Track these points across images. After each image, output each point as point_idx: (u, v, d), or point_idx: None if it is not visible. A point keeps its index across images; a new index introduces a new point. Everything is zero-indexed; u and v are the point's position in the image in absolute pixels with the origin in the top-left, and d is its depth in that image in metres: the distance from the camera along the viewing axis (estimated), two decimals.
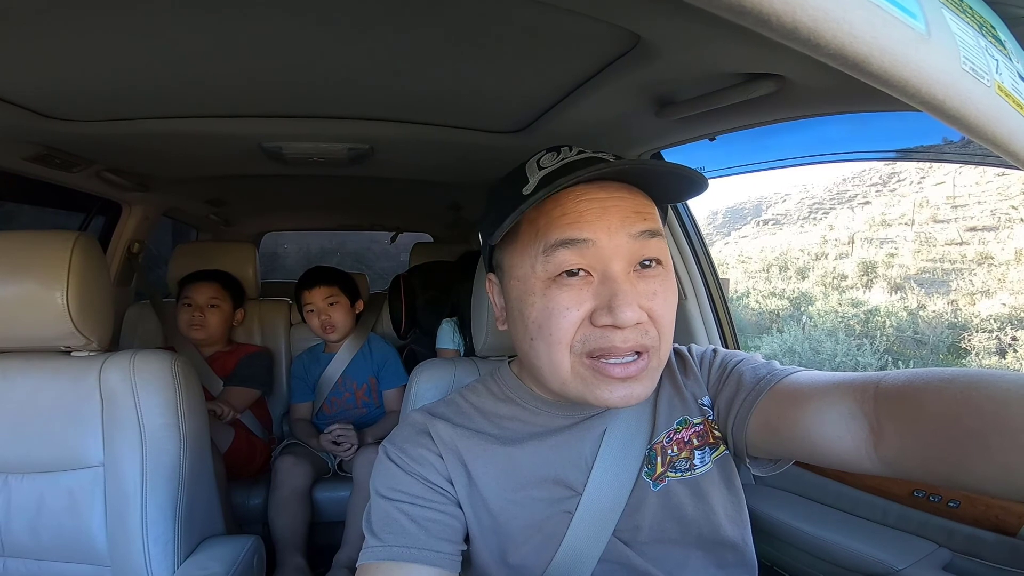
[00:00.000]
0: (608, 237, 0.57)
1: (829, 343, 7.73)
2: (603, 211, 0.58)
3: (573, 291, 0.58)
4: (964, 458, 0.46)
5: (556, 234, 0.58)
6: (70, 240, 0.90)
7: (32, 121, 1.00)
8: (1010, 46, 0.37)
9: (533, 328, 0.60)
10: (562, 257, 0.58)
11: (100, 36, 0.70)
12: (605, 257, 0.57)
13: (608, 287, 0.57)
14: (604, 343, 0.57)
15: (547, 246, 0.58)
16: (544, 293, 0.59)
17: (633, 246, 0.58)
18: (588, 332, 0.58)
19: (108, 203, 1.82)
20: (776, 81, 0.70)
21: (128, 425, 0.93)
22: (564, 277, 0.58)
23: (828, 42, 0.21)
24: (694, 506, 0.65)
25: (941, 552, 0.89)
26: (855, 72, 0.24)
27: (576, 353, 0.59)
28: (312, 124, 1.08)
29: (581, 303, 0.58)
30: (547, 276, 0.59)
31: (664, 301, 0.59)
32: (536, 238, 0.59)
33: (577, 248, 0.57)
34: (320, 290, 1.82)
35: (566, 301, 0.58)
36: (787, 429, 0.59)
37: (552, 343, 0.59)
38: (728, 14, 0.20)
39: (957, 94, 0.28)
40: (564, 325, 0.58)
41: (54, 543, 0.93)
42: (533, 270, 0.60)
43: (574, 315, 0.58)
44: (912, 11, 0.24)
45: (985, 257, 9.50)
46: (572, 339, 0.58)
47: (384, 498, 0.64)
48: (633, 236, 0.58)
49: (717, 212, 18.17)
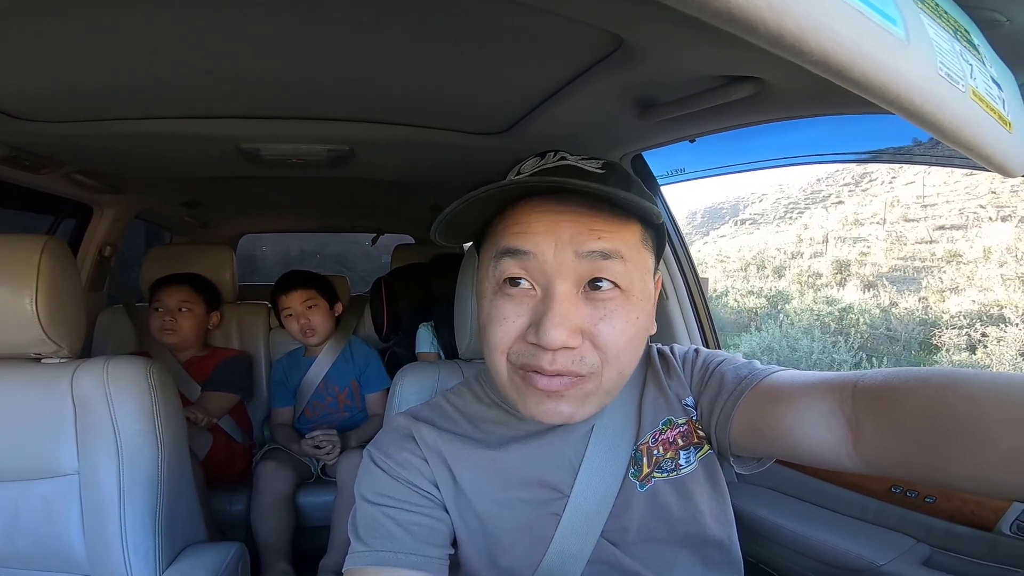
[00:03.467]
0: (553, 253, 0.55)
1: (805, 341, 7.88)
2: (553, 225, 0.56)
3: (513, 302, 0.58)
4: (940, 457, 0.47)
5: (504, 242, 0.58)
6: (39, 244, 0.88)
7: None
8: (983, 50, 0.38)
9: (481, 328, 0.61)
10: (505, 266, 0.57)
11: (70, 34, 0.68)
12: (548, 273, 0.56)
13: (544, 305, 0.55)
14: (533, 361, 0.56)
15: (496, 252, 0.59)
16: (492, 299, 0.59)
17: (580, 265, 0.55)
18: (521, 347, 0.57)
19: (78, 205, 1.77)
20: (755, 84, 0.71)
21: (103, 433, 0.91)
22: (507, 286, 0.58)
23: (812, 48, 0.21)
24: (680, 506, 0.65)
25: (920, 547, 0.91)
26: (836, 78, 0.24)
27: (512, 362, 0.59)
28: (291, 125, 1.07)
29: (518, 316, 0.57)
30: (495, 282, 0.59)
31: (612, 327, 0.56)
32: (493, 243, 0.60)
33: (519, 259, 0.57)
34: (297, 294, 1.80)
35: (504, 311, 0.58)
36: (769, 428, 0.60)
37: (491, 348, 0.59)
38: (717, 21, 0.20)
39: (933, 99, 0.28)
40: (499, 334, 0.58)
41: (32, 552, 0.91)
42: (488, 272, 0.60)
43: (510, 326, 0.57)
44: (892, 17, 0.25)
45: (954, 255, 9.78)
46: (508, 349, 0.58)
47: (370, 503, 0.63)
48: (581, 255, 0.55)
49: (696, 212, 18.39)
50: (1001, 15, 0.45)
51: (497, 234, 0.60)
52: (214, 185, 1.77)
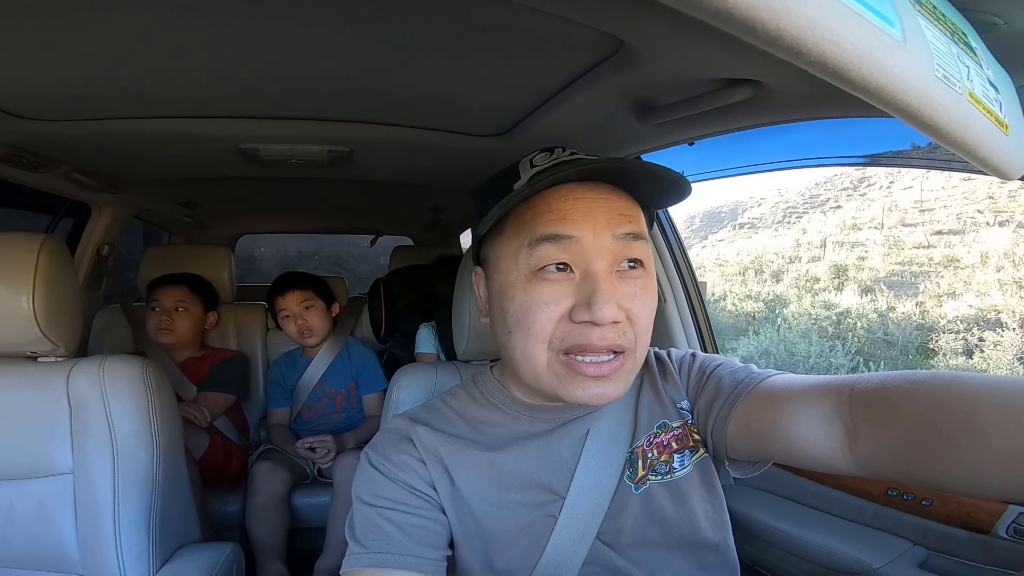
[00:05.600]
0: (592, 235, 0.58)
1: (803, 344, 7.88)
2: (589, 211, 0.59)
3: (554, 286, 0.59)
4: (936, 458, 0.47)
5: (541, 229, 0.59)
6: (37, 242, 0.88)
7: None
8: (980, 52, 0.39)
9: (512, 321, 0.61)
10: (545, 252, 0.58)
11: (69, 33, 0.68)
12: (588, 255, 0.58)
13: (589, 284, 0.57)
14: (581, 340, 0.57)
15: (532, 240, 0.59)
16: (525, 287, 0.60)
17: (616, 246, 0.59)
18: (567, 328, 0.58)
19: (77, 204, 1.77)
20: (754, 87, 0.71)
21: (98, 432, 0.91)
22: (546, 272, 0.59)
23: (810, 49, 0.21)
24: (674, 509, 0.66)
25: (916, 550, 0.91)
26: (834, 79, 0.24)
27: (553, 349, 0.59)
28: (290, 125, 1.07)
29: (561, 299, 0.58)
30: (530, 270, 0.60)
31: (643, 304, 0.60)
32: (522, 232, 0.60)
33: (561, 244, 0.58)
34: (294, 295, 1.80)
35: (546, 296, 0.58)
36: (765, 432, 0.60)
37: (530, 337, 0.59)
38: (715, 21, 0.20)
39: (930, 101, 0.28)
40: (542, 320, 0.59)
41: (25, 551, 0.91)
42: (516, 263, 0.61)
43: (553, 310, 0.58)
44: (889, 18, 0.25)
45: (951, 260, 9.80)
46: (551, 335, 0.59)
47: (367, 504, 0.63)
48: (617, 237, 0.59)
49: (695, 216, 18.41)
50: (998, 18, 0.45)
51: (526, 223, 0.60)
52: (212, 185, 1.77)
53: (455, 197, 1.90)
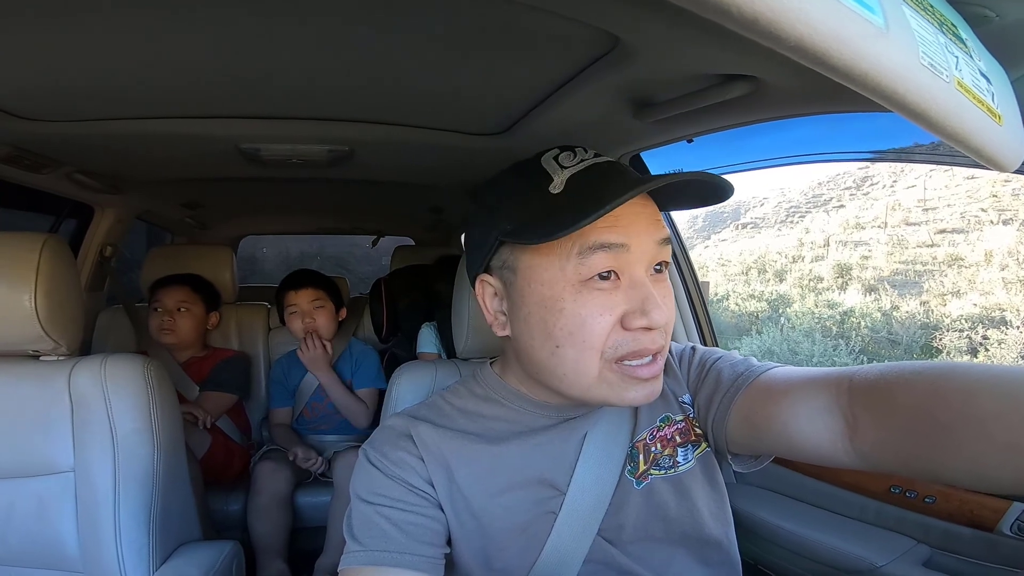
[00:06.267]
0: (639, 243, 0.58)
1: (806, 344, 7.87)
2: (635, 217, 0.59)
3: (606, 295, 0.58)
4: (936, 450, 0.47)
5: (595, 237, 0.57)
6: (39, 242, 0.88)
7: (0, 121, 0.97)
8: (971, 44, 0.39)
9: (561, 335, 0.59)
10: (598, 260, 0.57)
11: (71, 34, 0.68)
12: (633, 261, 0.58)
13: (638, 291, 0.58)
14: (637, 346, 0.58)
15: (583, 248, 0.57)
16: (575, 298, 0.58)
17: (654, 251, 0.60)
18: (620, 336, 0.58)
19: (79, 205, 1.77)
20: (750, 82, 0.71)
21: (99, 430, 0.91)
22: (596, 281, 0.58)
23: (788, 34, 0.22)
24: (677, 504, 0.65)
25: (920, 548, 0.91)
26: (817, 65, 0.25)
27: (606, 359, 0.58)
28: (291, 125, 1.07)
29: (613, 308, 0.58)
30: (579, 279, 0.58)
31: (670, 304, 0.61)
32: (568, 240, 0.58)
33: (614, 252, 0.57)
34: (307, 292, 1.80)
35: (599, 307, 0.58)
36: (766, 424, 0.60)
37: (584, 349, 0.58)
38: (691, 6, 0.20)
39: (917, 89, 0.28)
40: (598, 330, 0.58)
41: (25, 549, 0.91)
42: (563, 272, 0.58)
43: (607, 320, 0.58)
44: (870, 6, 0.25)
45: (955, 259, 9.76)
46: (604, 344, 0.58)
47: (364, 502, 0.63)
48: (657, 242, 0.60)
49: (697, 216, 18.37)
50: (990, 11, 0.45)
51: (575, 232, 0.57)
52: (214, 186, 1.78)
53: (455, 197, 1.90)
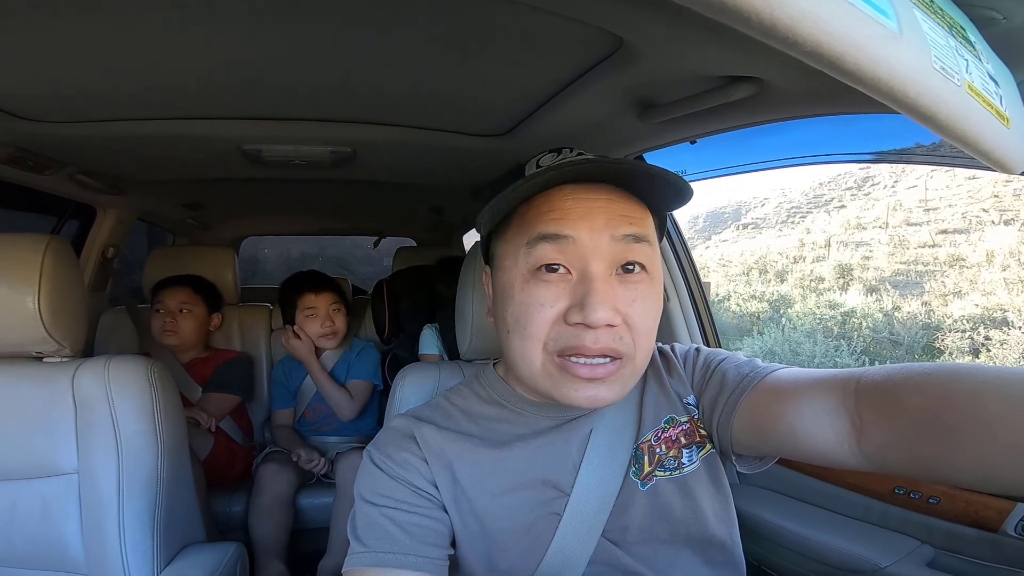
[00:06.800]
0: (590, 236, 0.58)
1: (808, 344, 7.86)
2: (588, 211, 0.58)
3: (550, 287, 0.58)
4: (943, 452, 0.47)
5: (540, 228, 0.59)
6: (42, 243, 0.88)
7: (3, 121, 0.97)
8: (979, 47, 0.39)
9: (511, 321, 0.61)
10: (542, 251, 0.58)
11: (74, 35, 0.68)
12: (585, 256, 0.58)
13: (584, 286, 0.57)
14: (575, 341, 0.57)
15: (530, 239, 0.59)
16: (523, 287, 0.60)
17: (616, 248, 0.58)
18: (561, 330, 0.58)
19: (82, 206, 1.78)
20: (755, 84, 0.71)
21: (103, 432, 0.91)
22: (543, 272, 0.59)
23: (805, 39, 0.22)
24: (682, 505, 0.65)
25: (924, 549, 0.90)
26: (831, 70, 0.24)
27: (548, 351, 0.59)
28: (293, 127, 1.07)
29: (557, 300, 0.58)
30: (528, 269, 0.60)
31: (643, 309, 0.59)
32: (523, 231, 0.60)
33: (558, 244, 0.58)
34: (328, 295, 1.81)
35: (542, 297, 0.58)
36: (771, 426, 0.60)
37: (527, 338, 0.59)
38: (710, 12, 0.20)
39: (928, 92, 0.28)
40: (538, 321, 0.58)
41: (29, 551, 0.91)
42: (516, 262, 0.61)
43: (549, 312, 0.58)
44: (884, 10, 0.25)
45: (956, 259, 9.75)
46: (546, 336, 0.59)
47: (369, 503, 0.63)
48: (616, 238, 0.58)
49: (698, 216, 18.38)
50: (997, 13, 0.45)
51: (528, 222, 0.60)
52: (216, 187, 1.78)
53: (457, 197, 1.90)
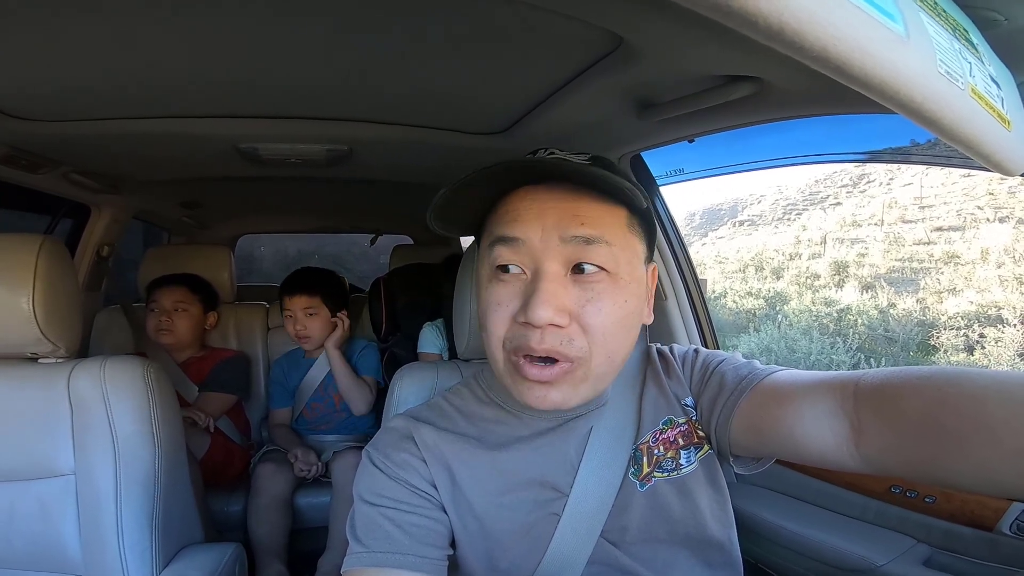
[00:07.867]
0: (539, 237, 0.58)
1: (804, 341, 7.87)
2: (541, 211, 0.58)
3: (506, 288, 0.59)
4: (942, 455, 0.47)
5: (497, 230, 0.60)
6: (36, 243, 0.88)
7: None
8: (982, 49, 0.38)
9: (480, 320, 0.63)
10: (498, 252, 0.60)
11: (68, 34, 0.68)
12: (537, 256, 0.58)
13: (532, 285, 0.57)
14: (523, 341, 0.57)
15: (491, 240, 0.61)
16: (486, 287, 0.61)
17: (565, 249, 0.58)
18: (515, 330, 0.59)
19: (76, 205, 1.76)
20: (754, 84, 0.71)
21: (100, 433, 0.90)
22: (500, 272, 0.60)
23: (812, 44, 0.21)
24: (680, 506, 0.65)
25: (920, 547, 0.91)
26: (837, 74, 0.24)
27: (506, 350, 0.60)
28: (289, 125, 1.07)
29: (511, 300, 0.59)
30: (490, 269, 0.61)
31: (598, 311, 0.57)
32: (487, 232, 0.62)
33: (510, 245, 0.59)
34: (300, 299, 1.77)
35: (498, 297, 0.60)
36: (770, 428, 0.60)
37: (490, 336, 0.61)
38: (717, 15, 0.20)
39: (934, 96, 0.28)
40: (495, 320, 0.60)
41: (27, 552, 0.91)
42: (483, 263, 0.63)
43: (504, 311, 0.59)
44: (891, 13, 0.25)
45: (952, 256, 9.78)
46: (504, 335, 0.60)
47: (368, 503, 0.63)
48: (565, 240, 0.57)
49: (695, 213, 18.38)
50: (999, 15, 0.45)
51: (491, 224, 0.62)
52: (212, 185, 1.77)
53: None
